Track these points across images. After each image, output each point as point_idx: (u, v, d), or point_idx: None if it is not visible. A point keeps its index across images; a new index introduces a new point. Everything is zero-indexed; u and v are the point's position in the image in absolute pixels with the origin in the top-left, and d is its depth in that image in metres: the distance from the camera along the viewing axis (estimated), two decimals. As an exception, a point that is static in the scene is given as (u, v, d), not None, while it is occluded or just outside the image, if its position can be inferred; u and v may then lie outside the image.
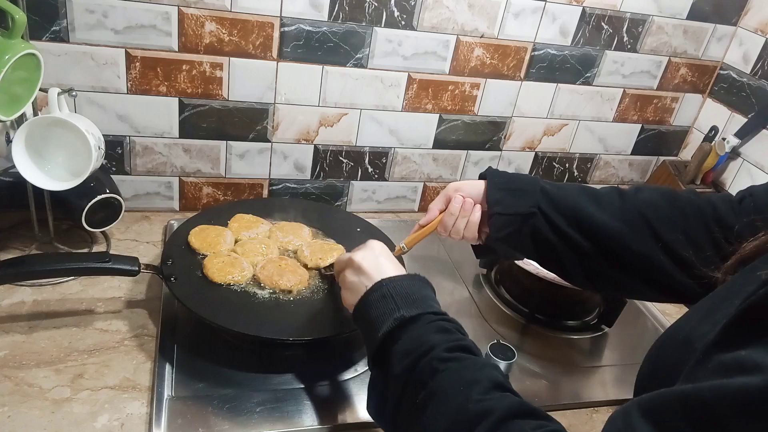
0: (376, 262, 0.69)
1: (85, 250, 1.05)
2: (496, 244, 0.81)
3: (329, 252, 0.98)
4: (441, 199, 0.84)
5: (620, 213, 0.74)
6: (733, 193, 0.75)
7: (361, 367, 0.90)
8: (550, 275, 1.01)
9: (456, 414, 0.51)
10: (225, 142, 1.16)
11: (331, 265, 0.92)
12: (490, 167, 0.84)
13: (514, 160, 1.36)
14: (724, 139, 1.30)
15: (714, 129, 1.36)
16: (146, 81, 1.05)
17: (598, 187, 0.79)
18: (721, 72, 1.37)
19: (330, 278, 0.93)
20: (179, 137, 1.12)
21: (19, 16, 0.78)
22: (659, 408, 0.38)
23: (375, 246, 0.72)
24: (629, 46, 1.27)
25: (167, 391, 0.80)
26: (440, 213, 0.84)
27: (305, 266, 0.96)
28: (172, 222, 1.14)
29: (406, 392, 0.56)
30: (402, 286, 0.64)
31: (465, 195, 0.81)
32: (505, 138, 1.32)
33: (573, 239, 0.75)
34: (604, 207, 0.75)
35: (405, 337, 0.59)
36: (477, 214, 0.81)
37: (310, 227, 1.06)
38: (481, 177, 0.83)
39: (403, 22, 1.11)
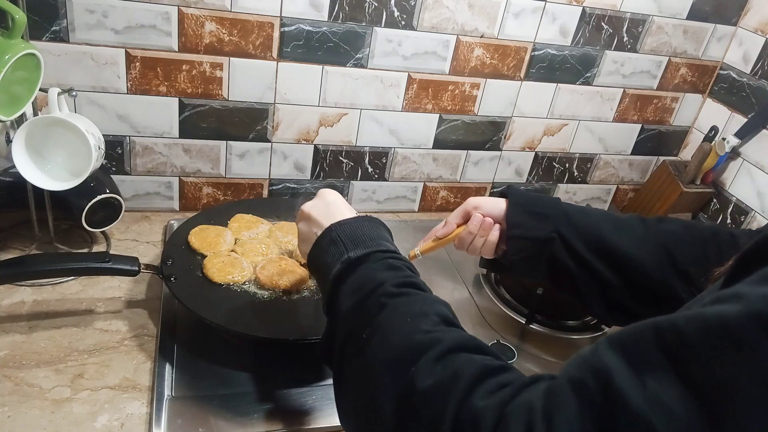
0: (326, 210, 0.68)
1: (85, 250, 1.05)
2: (513, 265, 0.81)
3: None
4: (460, 212, 0.83)
5: (642, 241, 0.74)
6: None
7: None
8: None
9: (402, 344, 0.49)
10: (225, 142, 1.16)
11: None
12: (511, 186, 0.83)
13: (514, 160, 1.36)
14: (724, 139, 1.30)
15: (714, 129, 1.36)
16: (146, 81, 1.05)
17: (603, 208, 0.79)
18: (721, 72, 1.37)
19: None
20: (179, 137, 1.12)
21: (19, 16, 0.78)
22: (630, 338, 0.36)
23: (326, 194, 0.71)
24: (629, 46, 1.27)
25: (167, 391, 0.80)
26: (458, 227, 0.83)
27: (304, 266, 0.96)
28: (172, 222, 1.14)
29: (354, 329, 0.54)
30: (351, 227, 0.64)
31: (485, 213, 0.80)
32: (505, 138, 1.32)
33: (592, 265, 0.74)
34: (627, 235, 0.75)
35: (353, 277, 0.58)
36: (495, 234, 0.80)
37: None
38: (501, 194, 0.82)
39: (403, 22, 1.11)
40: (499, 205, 0.81)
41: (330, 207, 0.69)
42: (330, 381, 0.87)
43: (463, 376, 0.44)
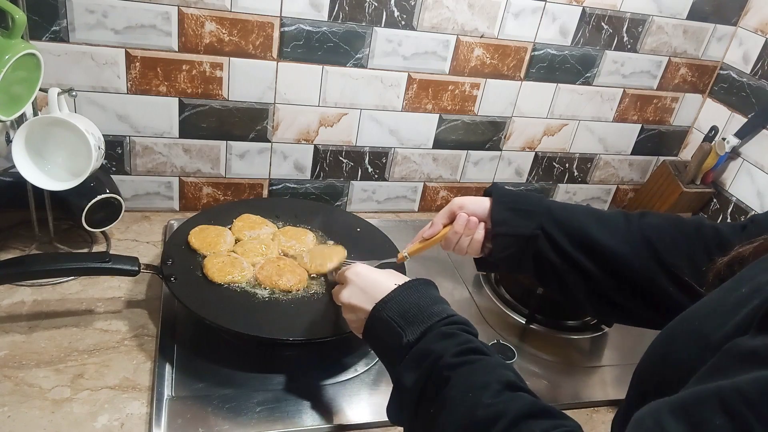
0: (363, 295, 0.68)
1: (85, 250, 1.05)
2: (499, 262, 0.81)
3: (329, 256, 0.97)
4: (445, 213, 0.83)
5: (625, 235, 0.74)
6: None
7: (361, 367, 0.90)
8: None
9: (466, 422, 0.50)
10: (225, 142, 1.16)
11: (335, 270, 0.92)
12: (495, 184, 0.84)
13: (514, 160, 1.36)
14: (724, 139, 1.30)
15: (714, 129, 1.36)
16: (146, 81, 1.05)
17: (603, 208, 0.79)
18: (721, 72, 1.37)
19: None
20: (179, 137, 1.12)
21: (19, 16, 0.78)
22: (693, 405, 0.37)
23: (352, 277, 0.71)
24: (629, 46, 1.27)
25: (167, 391, 0.80)
26: (444, 227, 0.83)
27: (306, 272, 0.96)
28: (172, 222, 1.14)
29: (421, 404, 0.56)
30: (399, 303, 0.64)
31: (469, 213, 0.81)
32: (505, 138, 1.32)
33: (576, 260, 0.75)
34: (610, 229, 0.75)
35: (411, 355, 0.59)
36: (480, 232, 0.81)
37: (314, 233, 1.05)
38: (486, 193, 0.83)
39: (403, 22, 1.11)
40: (483, 203, 0.81)
41: (366, 289, 0.69)
42: (330, 381, 0.87)
43: None
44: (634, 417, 0.40)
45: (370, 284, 0.69)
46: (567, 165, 1.42)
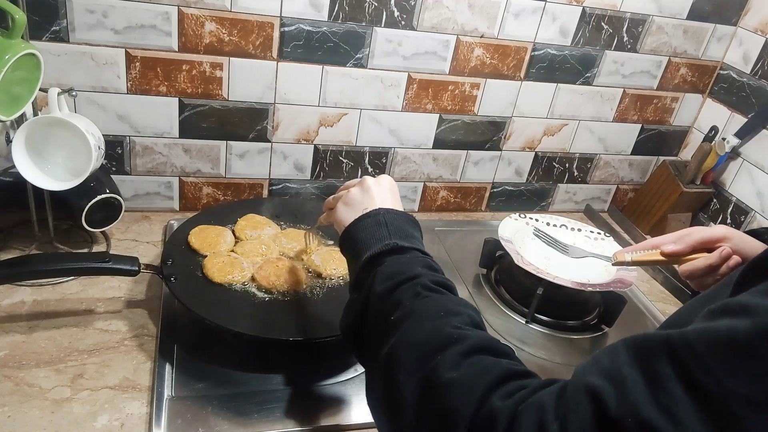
0: (382, 193, 0.69)
1: (85, 250, 1.05)
2: None
3: (340, 259, 0.97)
4: (700, 237, 0.73)
5: None
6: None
7: (361, 367, 0.90)
8: (551, 275, 1.02)
9: (431, 332, 0.51)
10: (225, 142, 1.16)
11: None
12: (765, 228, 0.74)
13: (514, 160, 1.36)
14: (724, 139, 1.30)
15: (714, 129, 1.36)
16: (146, 81, 1.05)
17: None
18: (721, 72, 1.37)
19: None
20: (179, 137, 1.12)
21: (19, 16, 0.78)
22: (645, 351, 0.38)
23: (386, 180, 0.72)
24: (629, 46, 1.27)
25: (167, 391, 0.80)
26: (693, 251, 0.73)
27: (318, 275, 0.96)
28: (172, 222, 1.14)
29: (384, 310, 0.55)
30: (399, 220, 0.65)
31: (735, 249, 0.71)
32: (505, 138, 1.32)
33: None
34: None
35: (392, 261, 0.59)
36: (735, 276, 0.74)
37: (317, 236, 1.05)
38: (754, 234, 0.73)
39: (403, 22, 1.11)
40: (754, 246, 0.71)
41: (386, 192, 0.70)
42: (329, 380, 0.87)
43: (487, 375, 0.45)
44: (592, 355, 0.41)
45: (391, 195, 0.70)
46: (567, 165, 1.42)
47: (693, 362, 0.35)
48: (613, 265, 0.83)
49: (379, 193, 0.69)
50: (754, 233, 0.75)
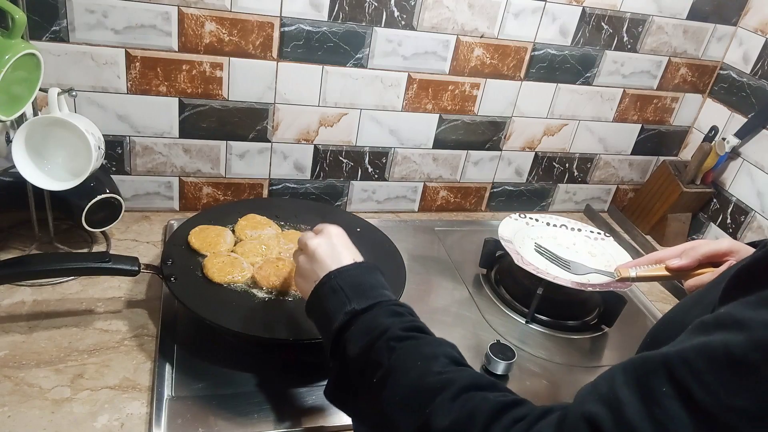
0: (332, 251, 0.68)
1: (85, 250, 1.05)
2: None
3: None
4: (705, 251, 0.72)
5: None
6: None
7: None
8: (551, 275, 1.02)
9: (415, 386, 0.51)
10: (225, 142, 1.16)
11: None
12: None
13: (514, 160, 1.36)
14: (724, 139, 1.30)
15: (714, 129, 1.36)
16: (146, 81, 1.05)
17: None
18: (721, 72, 1.37)
19: None
20: (179, 137, 1.12)
21: (19, 16, 0.78)
22: (643, 373, 0.38)
23: (332, 233, 0.71)
24: (629, 46, 1.27)
25: (167, 391, 0.80)
26: (699, 265, 0.72)
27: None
28: (172, 222, 1.14)
29: (365, 373, 0.56)
30: (352, 276, 0.64)
31: None
32: (505, 138, 1.32)
33: None
34: None
35: (359, 324, 0.60)
36: None
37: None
38: (756, 246, 0.72)
39: (403, 22, 1.11)
40: None
41: (335, 249, 0.69)
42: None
43: (479, 414, 0.45)
44: (592, 381, 0.41)
45: (339, 248, 0.69)
46: (567, 165, 1.42)
47: (690, 379, 0.35)
48: (616, 281, 0.81)
49: (325, 255, 0.68)
50: (760, 245, 0.73)
